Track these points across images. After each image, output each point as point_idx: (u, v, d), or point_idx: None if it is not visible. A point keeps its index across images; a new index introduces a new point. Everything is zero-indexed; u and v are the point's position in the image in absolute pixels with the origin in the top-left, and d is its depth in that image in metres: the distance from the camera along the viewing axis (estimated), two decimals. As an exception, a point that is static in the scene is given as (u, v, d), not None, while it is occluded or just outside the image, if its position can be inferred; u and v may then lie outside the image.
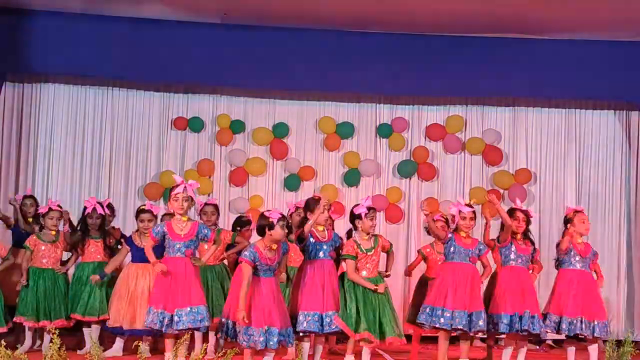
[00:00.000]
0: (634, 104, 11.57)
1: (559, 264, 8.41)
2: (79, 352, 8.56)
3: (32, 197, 9.67)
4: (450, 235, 8.16)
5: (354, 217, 8.04)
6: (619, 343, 8.00)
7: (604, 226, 11.51)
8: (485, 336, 8.66)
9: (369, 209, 7.99)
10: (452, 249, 8.10)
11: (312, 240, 7.84)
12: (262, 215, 7.47)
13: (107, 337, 8.91)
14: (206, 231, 7.75)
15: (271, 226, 7.29)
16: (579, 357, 8.44)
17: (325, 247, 7.86)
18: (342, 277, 7.98)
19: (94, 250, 8.93)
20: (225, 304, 7.71)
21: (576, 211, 8.50)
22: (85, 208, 9.07)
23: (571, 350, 8.34)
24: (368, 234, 8.00)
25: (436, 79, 11.44)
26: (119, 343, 8.70)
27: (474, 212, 8.20)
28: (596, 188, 11.59)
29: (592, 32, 11.19)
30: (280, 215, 7.37)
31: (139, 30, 11.22)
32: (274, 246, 7.35)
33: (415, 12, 10.67)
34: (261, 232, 7.37)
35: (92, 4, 10.90)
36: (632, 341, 7.98)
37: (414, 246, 11.37)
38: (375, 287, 7.79)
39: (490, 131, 11.62)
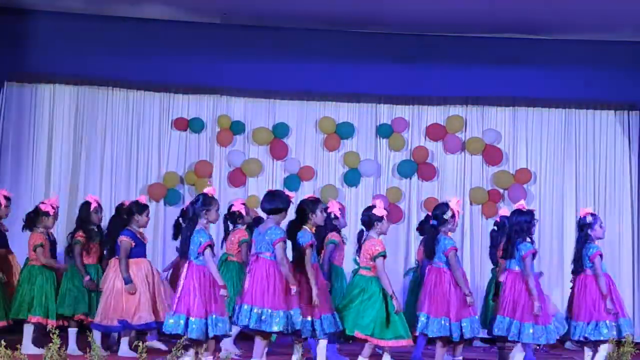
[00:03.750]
0: (634, 104, 11.57)
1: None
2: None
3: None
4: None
5: (374, 219, 7.96)
6: (619, 343, 7.99)
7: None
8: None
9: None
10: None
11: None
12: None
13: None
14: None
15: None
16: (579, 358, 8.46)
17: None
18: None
19: (94, 252, 8.94)
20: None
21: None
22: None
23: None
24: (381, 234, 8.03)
25: (436, 79, 11.45)
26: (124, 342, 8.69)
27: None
28: (596, 188, 11.58)
29: (592, 32, 11.19)
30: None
31: (139, 30, 11.23)
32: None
33: (415, 12, 10.67)
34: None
35: (92, 4, 10.91)
36: (632, 341, 7.96)
37: (414, 246, 11.38)
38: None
39: (490, 131, 11.62)
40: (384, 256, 7.81)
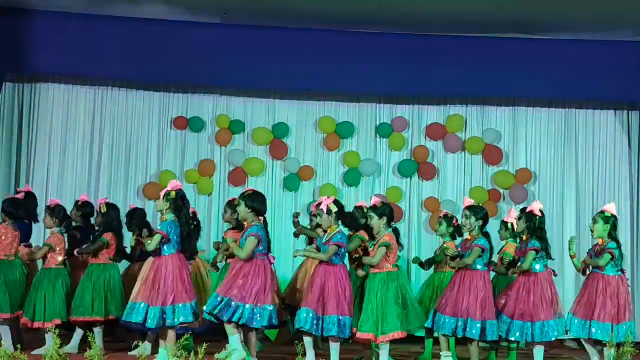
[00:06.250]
0: (634, 104, 11.58)
1: None
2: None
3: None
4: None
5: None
6: (619, 343, 7.99)
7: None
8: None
9: None
10: None
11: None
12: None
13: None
14: None
15: None
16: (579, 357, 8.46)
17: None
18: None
19: (106, 251, 8.93)
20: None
21: None
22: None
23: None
24: None
25: (436, 79, 11.45)
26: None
27: None
28: (596, 188, 11.59)
29: (592, 32, 11.20)
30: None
31: (139, 30, 11.24)
32: None
33: (415, 12, 10.68)
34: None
35: (92, 4, 10.92)
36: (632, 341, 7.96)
37: (414, 246, 11.41)
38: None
39: (491, 131, 11.62)
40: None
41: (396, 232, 8.14)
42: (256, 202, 7.87)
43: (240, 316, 7.60)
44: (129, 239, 9.16)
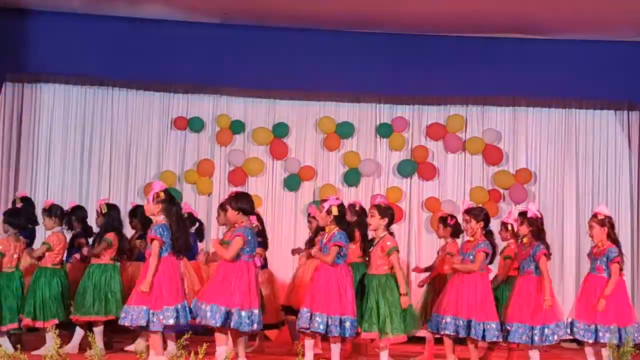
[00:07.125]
0: (634, 104, 11.57)
1: None
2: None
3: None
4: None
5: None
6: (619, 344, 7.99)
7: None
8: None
9: None
10: None
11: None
12: None
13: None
14: None
15: None
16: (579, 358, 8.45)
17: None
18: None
19: (108, 251, 8.91)
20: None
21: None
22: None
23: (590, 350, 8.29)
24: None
25: (436, 79, 11.44)
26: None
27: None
28: (596, 188, 11.58)
29: (592, 32, 11.20)
30: None
31: (139, 30, 11.24)
32: None
33: (415, 12, 10.68)
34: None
35: (92, 4, 10.92)
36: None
37: (415, 246, 11.41)
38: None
39: (491, 131, 11.62)
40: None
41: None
42: (241, 202, 7.82)
43: (228, 321, 7.56)
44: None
